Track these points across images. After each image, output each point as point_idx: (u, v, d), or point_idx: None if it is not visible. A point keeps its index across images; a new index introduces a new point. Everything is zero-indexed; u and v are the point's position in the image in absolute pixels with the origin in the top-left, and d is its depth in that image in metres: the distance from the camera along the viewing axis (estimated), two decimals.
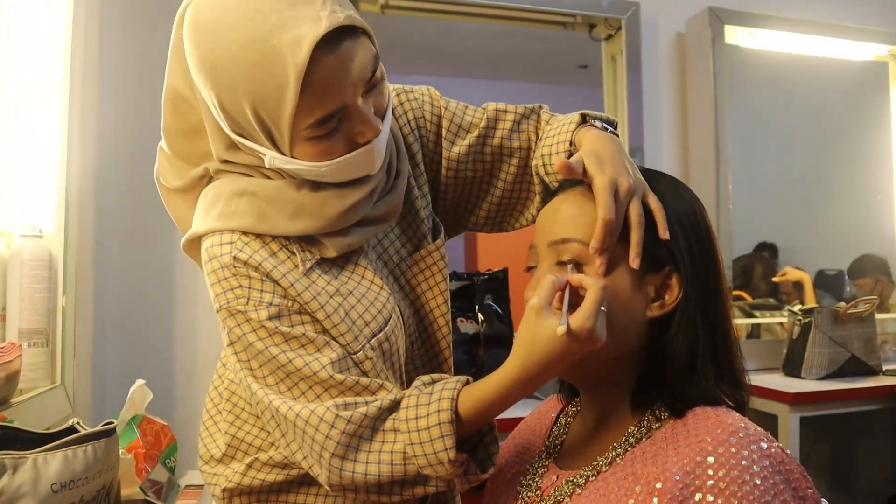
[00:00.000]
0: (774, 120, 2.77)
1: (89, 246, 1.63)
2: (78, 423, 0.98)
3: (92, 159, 1.58)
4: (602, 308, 0.74)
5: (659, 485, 0.69)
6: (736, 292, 2.60)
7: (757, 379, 2.24)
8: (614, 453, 0.77)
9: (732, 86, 2.52)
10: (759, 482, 0.66)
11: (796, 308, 2.35)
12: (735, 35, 2.58)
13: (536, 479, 0.85)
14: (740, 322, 2.57)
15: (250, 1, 0.76)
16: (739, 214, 2.54)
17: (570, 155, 0.91)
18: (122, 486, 1.14)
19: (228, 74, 0.76)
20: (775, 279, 2.66)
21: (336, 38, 0.76)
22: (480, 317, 2.03)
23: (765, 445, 0.69)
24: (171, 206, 0.96)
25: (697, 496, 0.66)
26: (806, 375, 2.24)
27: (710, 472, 0.67)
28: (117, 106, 1.90)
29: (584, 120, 0.95)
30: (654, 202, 0.80)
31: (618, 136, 0.93)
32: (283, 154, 0.82)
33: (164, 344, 1.95)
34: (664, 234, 0.79)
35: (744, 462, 0.67)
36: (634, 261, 0.77)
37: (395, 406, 0.84)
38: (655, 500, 0.68)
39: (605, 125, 0.93)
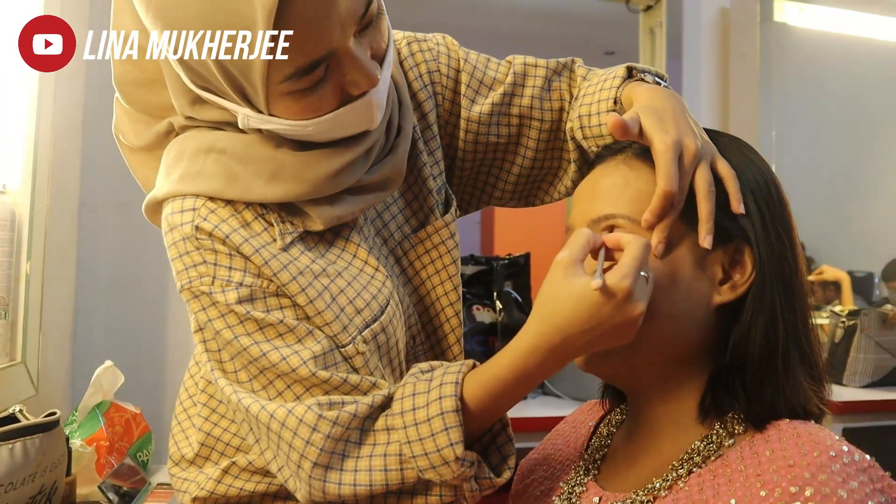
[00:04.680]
0: (815, 107, 2.64)
1: (70, 207, 1.50)
2: (21, 410, 0.84)
3: (76, 110, 1.43)
4: (643, 273, 0.62)
5: None
6: None
7: None
8: (675, 475, 0.65)
9: (779, 68, 2.35)
10: None
11: (838, 308, 2.21)
12: (784, 12, 2.42)
13: (573, 499, 0.73)
14: None
15: None
16: None
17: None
18: (77, 484, 1.01)
19: (181, 17, 0.64)
20: (811, 277, 2.51)
21: None
22: (498, 305, 1.91)
23: (880, 474, 0.58)
24: (135, 166, 0.84)
25: None
26: (848, 382, 2.12)
27: None
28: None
29: (630, 74, 0.82)
30: (724, 168, 0.69)
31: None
32: (260, 112, 0.68)
33: (157, 323, 1.77)
34: (738, 207, 0.67)
35: (856, 496, 0.54)
36: (705, 239, 0.66)
37: (388, 402, 0.71)
38: None
39: (656, 80, 0.80)
